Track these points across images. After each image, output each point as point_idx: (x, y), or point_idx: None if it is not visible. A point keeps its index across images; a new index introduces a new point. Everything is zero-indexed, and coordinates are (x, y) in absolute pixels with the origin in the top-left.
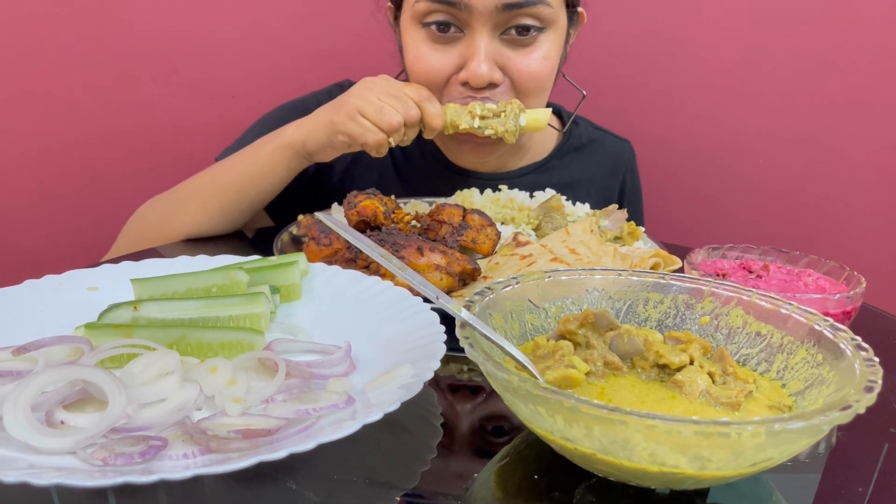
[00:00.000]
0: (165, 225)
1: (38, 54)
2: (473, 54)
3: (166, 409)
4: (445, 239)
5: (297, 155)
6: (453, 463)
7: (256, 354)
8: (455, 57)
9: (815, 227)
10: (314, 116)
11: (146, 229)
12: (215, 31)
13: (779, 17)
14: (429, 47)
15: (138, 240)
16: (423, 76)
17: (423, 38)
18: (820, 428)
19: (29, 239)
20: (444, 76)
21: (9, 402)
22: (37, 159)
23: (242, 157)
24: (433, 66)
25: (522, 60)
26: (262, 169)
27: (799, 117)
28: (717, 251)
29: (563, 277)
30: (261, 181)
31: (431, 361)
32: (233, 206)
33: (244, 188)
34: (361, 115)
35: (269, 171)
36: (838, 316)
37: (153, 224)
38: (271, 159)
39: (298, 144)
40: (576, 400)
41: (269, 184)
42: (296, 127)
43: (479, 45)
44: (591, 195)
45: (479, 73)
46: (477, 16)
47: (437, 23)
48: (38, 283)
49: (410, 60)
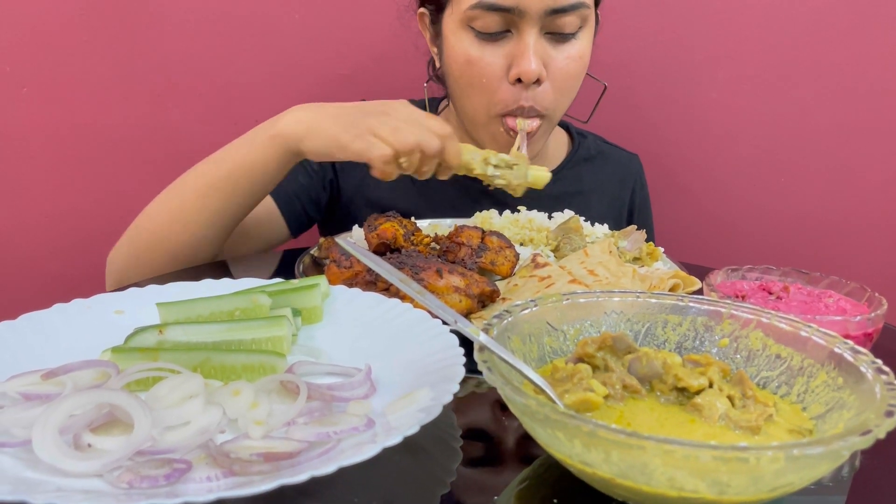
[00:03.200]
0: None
1: (67, 80)
2: (523, 52)
3: (190, 432)
4: (464, 261)
5: (289, 150)
6: (472, 486)
7: (278, 377)
8: (503, 56)
9: (837, 247)
10: (320, 120)
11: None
12: (237, 56)
13: (799, 35)
14: (478, 48)
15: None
16: (476, 78)
17: (471, 40)
18: (840, 453)
19: (57, 264)
20: (497, 76)
21: (38, 425)
22: (63, 185)
23: (234, 149)
24: (486, 68)
25: (562, 58)
26: (254, 161)
27: (820, 136)
28: (737, 272)
29: (581, 300)
30: (254, 174)
31: (451, 384)
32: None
33: (239, 183)
34: (373, 135)
35: (263, 164)
36: (859, 338)
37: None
38: (264, 151)
39: (293, 139)
40: (594, 425)
41: (262, 177)
42: (294, 121)
43: (528, 44)
44: (602, 204)
45: (532, 70)
46: (527, 19)
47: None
48: (67, 306)
49: (461, 63)
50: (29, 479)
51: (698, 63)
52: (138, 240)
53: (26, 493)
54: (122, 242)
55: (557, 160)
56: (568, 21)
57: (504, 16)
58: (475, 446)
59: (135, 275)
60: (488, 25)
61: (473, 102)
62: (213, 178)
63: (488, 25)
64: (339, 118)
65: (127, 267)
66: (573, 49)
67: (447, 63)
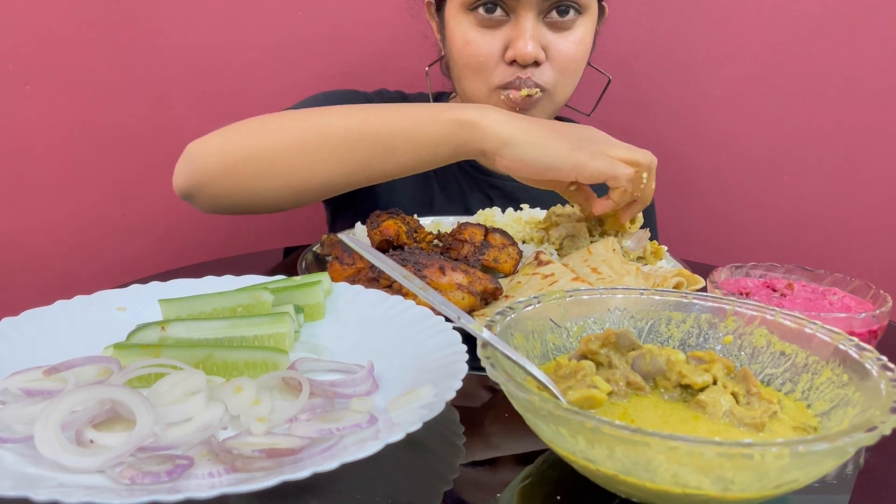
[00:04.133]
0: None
1: (70, 79)
2: (520, 35)
3: (192, 428)
4: (467, 258)
5: (477, 145)
6: (475, 483)
7: (281, 374)
8: (501, 39)
9: (841, 244)
10: (532, 130)
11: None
12: (241, 54)
13: (804, 33)
14: (477, 32)
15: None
16: (473, 59)
17: (470, 23)
18: (845, 450)
19: (60, 260)
20: (495, 58)
21: (40, 421)
22: (68, 182)
23: (409, 113)
24: (483, 48)
25: (561, 43)
26: (429, 135)
27: (824, 133)
28: (741, 269)
29: (584, 297)
30: (423, 148)
31: (453, 381)
32: (378, 162)
33: (399, 148)
34: (608, 154)
35: (438, 142)
36: (864, 335)
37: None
38: (446, 131)
39: (494, 140)
40: (597, 421)
41: (430, 154)
42: (500, 120)
43: (525, 27)
44: None
45: (527, 52)
46: (524, 3)
47: (486, 6)
48: (69, 303)
49: (459, 45)
50: (31, 475)
51: (703, 61)
52: (245, 152)
53: (28, 488)
54: (217, 144)
55: None
56: (566, 8)
57: (502, 1)
58: (478, 443)
59: (223, 184)
60: (487, 10)
61: (472, 82)
62: (372, 131)
63: (487, 10)
64: (559, 133)
65: (219, 173)
66: (573, 35)
67: (449, 47)
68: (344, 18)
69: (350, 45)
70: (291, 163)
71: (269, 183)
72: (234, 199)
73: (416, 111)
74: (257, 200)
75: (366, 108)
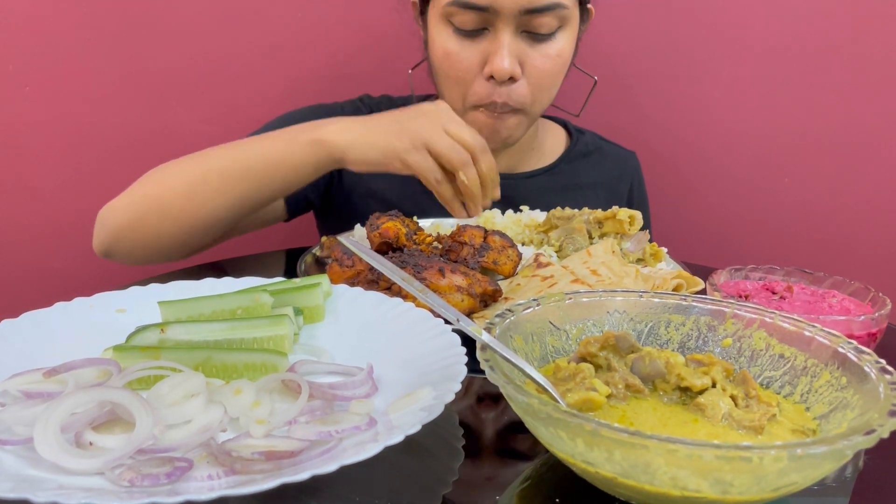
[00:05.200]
0: (178, 209)
1: (69, 80)
2: (497, 50)
3: (192, 431)
4: (467, 260)
5: (329, 157)
6: (475, 485)
7: (280, 376)
8: (479, 53)
9: (840, 246)
10: (366, 131)
11: (154, 208)
12: (240, 57)
13: (803, 33)
14: (456, 43)
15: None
16: (452, 71)
17: (449, 34)
18: (843, 453)
19: (59, 261)
20: (473, 72)
21: (39, 423)
22: (67, 183)
23: (271, 144)
24: (462, 62)
25: (538, 58)
26: (292, 160)
27: (823, 136)
28: (740, 272)
29: (584, 299)
30: (288, 172)
31: (453, 383)
32: (254, 192)
33: (270, 176)
34: (428, 147)
35: (299, 165)
36: (863, 338)
37: (163, 204)
38: (303, 153)
39: (337, 149)
40: (596, 424)
41: (295, 176)
42: (340, 130)
43: (502, 42)
44: (599, 199)
45: (504, 68)
46: (502, 17)
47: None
48: (69, 305)
49: (439, 56)
50: (31, 477)
51: (702, 62)
52: (144, 204)
53: (28, 490)
54: (122, 202)
55: (555, 155)
56: (544, 21)
57: (480, 14)
58: (477, 445)
59: (132, 237)
60: (465, 22)
61: (451, 93)
62: (244, 166)
63: (465, 22)
64: (385, 127)
65: (126, 227)
66: (551, 49)
67: (429, 54)
68: (344, 20)
69: (350, 48)
70: (181, 207)
71: (166, 228)
72: (145, 250)
73: (279, 139)
74: (161, 248)
75: (240, 145)
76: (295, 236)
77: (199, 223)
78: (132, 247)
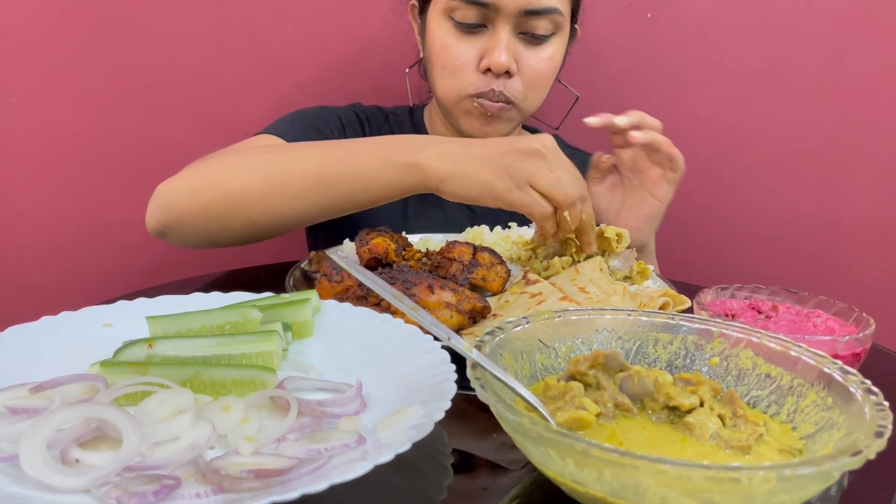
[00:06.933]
0: (250, 206)
1: (58, 90)
2: (495, 45)
3: (180, 448)
4: (456, 276)
5: (423, 183)
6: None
7: (269, 393)
8: (477, 48)
9: (824, 265)
10: (467, 162)
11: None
12: (230, 68)
13: (788, 53)
14: (455, 37)
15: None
16: (449, 62)
17: (449, 28)
18: (830, 474)
19: (46, 273)
20: (470, 65)
21: (25, 439)
22: (56, 194)
23: (362, 156)
24: (459, 54)
25: (533, 58)
26: (382, 179)
27: (807, 157)
28: (726, 291)
29: (573, 317)
30: (376, 190)
31: (442, 401)
32: (335, 203)
33: (356, 191)
34: (531, 185)
35: (389, 185)
36: (848, 358)
37: (233, 199)
38: (396, 174)
39: (434, 177)
40: (587, 444)
41: (383, 195)
42: (438, 156)
43: (500, 38)
44: None
45: (501, 62)
46: (502, 15)
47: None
48: (55, 319)
49: (437, 48)
50: (16, 495)
51: (683, 81)
52: (211, 194)
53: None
54: (186, 186)
55: None
56: (541, 24)
57: (481, 10)
58: (466, 464)
59: (194, 223)
60: (466, 17)
61: (446, 84)
62: (329, 175)
63: (466, 17)
64: (488, 160)
65: (189, 213)
66: (544, 52)
67: (427, 48)
68: (335, 33)
69: (340, 60)
70: (255, 204)
71: (234, 223)
72: (202, 237)
73: (370, 155)
74: (223, 238)
75: (325, 150)
76: (284, 250)
77: (270, 224)
78: (191, 233)
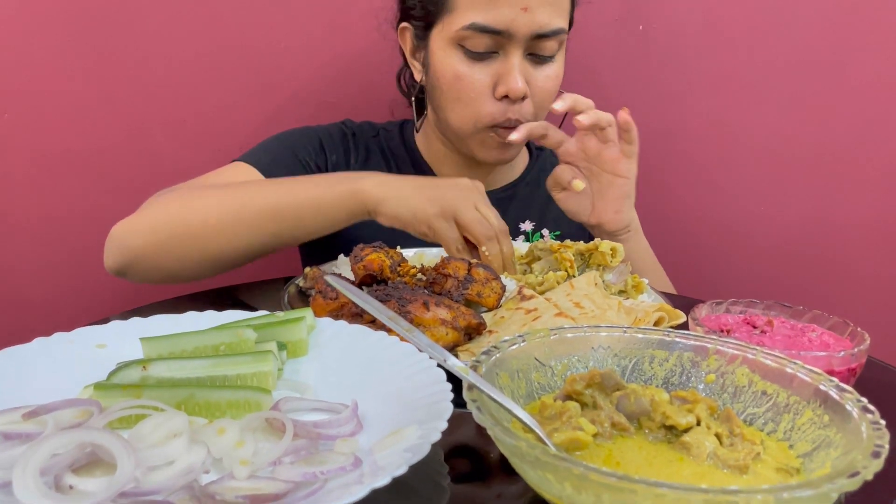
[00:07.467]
0: (206, 240)
1: (49, 107)
2: (510, 71)
3: (174, 472)
4: (451, 293)
5: (363, 207)
6: None
7: (264, 414)
8: (489, 75)
9: (820, 271)
10: (402, 189)
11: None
12: (221, 84)
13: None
14: (468, 67)
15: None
16: (464, 93)
17: (460, 58)
18: (828, 496)
19: (38, 292)
20: (486, 93)
21: (18, 466)
22: (47, 212)
23: (311, 187)
24: (475, 84)
25: (541, 77)
26: (327, 205)
27: (802, 167)
28: (721, 306)
29: (568, 335)
30: (323, 217)
31: (438, 422)
32: (287, 232)
33: (304, 219)
34: (456, 219)
35: (334, 211)
36: (843, 373)
37: (190, 233)
38: (340, 200)
39: (371, 201)
40: (584, 467)
41: (329, 221)
42: (376, 184)
43: (514, 64)
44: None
45: (519, 88)
46: (514, 41)
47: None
48: (48, 340)
49: (450, 79)
50: None
51: (677, 91)
52: (168, 230)
53: None
54: (142, 224)
55: (518, 172)
56: (549, 45)
57: (494, 38)
58: (463, 484)
59: (153, 259)
60: (477, 45)
61: (460, 115)
62: (280, 205)
63: (477, 45)
64: (424, 189)
65: (146, 250)
66: (550, 70)
67: (434, 77)
68: (327, 49)
69: (333, 76)
70: (212, 238)
71: (192, 256)
72: (162, 273)
73: (317, 185)
74: (182, 273)
75: (277, 185)
76: (278, 267)
77: (226, 256)
78: (150, 268)
